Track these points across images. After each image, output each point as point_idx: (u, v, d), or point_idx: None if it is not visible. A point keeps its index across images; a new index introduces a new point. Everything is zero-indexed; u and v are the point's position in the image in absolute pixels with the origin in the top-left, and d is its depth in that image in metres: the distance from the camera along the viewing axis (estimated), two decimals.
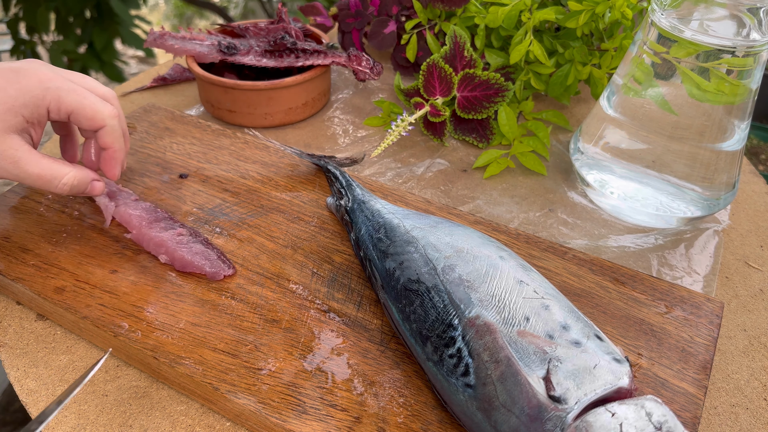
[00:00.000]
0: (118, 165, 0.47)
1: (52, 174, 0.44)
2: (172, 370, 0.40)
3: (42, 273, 0.46)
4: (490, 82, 0.64)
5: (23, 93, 0.43)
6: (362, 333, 0.43)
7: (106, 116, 0.45)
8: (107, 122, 0.45)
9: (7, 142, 0.43)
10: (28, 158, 0.43)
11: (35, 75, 0.43)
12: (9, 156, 0.43)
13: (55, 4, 1.65)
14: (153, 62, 3.54)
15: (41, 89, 0.43)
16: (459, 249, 0.41)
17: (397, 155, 0.66)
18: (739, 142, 0.53)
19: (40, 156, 0.44)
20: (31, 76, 0.43)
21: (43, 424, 0.35)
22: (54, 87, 0.43)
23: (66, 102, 0.44)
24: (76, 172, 0.45)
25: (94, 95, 0.45)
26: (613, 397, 0.33)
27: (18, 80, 0.43)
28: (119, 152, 0.47)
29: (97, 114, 0.45)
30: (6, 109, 0.42)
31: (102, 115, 0.45)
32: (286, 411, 0.38)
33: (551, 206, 0.60)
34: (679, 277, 0.53)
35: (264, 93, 0.66)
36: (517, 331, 0.35)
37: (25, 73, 0.43)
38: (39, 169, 0.44)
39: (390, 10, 0.77)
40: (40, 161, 0.44)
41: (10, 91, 0.42)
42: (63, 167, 0.45)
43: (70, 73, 0.46)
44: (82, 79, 0.47)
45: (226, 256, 0.48)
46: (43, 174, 0.44)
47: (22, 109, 0.43)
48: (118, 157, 0.47)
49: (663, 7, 0.50)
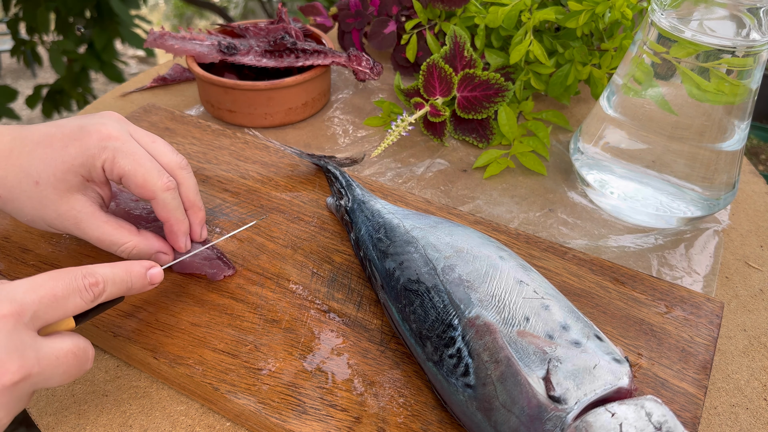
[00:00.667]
0: (180, 238, 0.45)
1: (112, 240, 0.43)
2: (172, 370, 0.40)
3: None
4: (490, 82, 0.64)
5: (82, 152, 0.41)
6: (362, 333, 0.43)
7: (157, 188, 0.42)
8: (158, 195, 0.42)
9: (69, 203, 0.41)
10: (89, 221, 0.42)
11: (98, 132, 0.41)
12: (71, 217, 0.42)
13: (55, 4, 1.65)
14: (153, 62, 3.54)
15: (98, 148, 0.41)
16: (459, 249, 0.41)
17: (397, 155, 0.66)
18: (739, 142, 0.53)
19: (104, 219, 0.43)
20: (93, 133, 0.41)
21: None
22: (111, 147, 0.41)
23: (119, 164, 0.41)
24: (137, 241, 0.43)
25: (152, 163, 0.42)
26: (612, 397, 0.33)
27: (81, 137, 0.41)
28: (176, 226, 0.44)
29: (147, 183, 0.42)
30: (66, 168, 0.41)
31: (153, 186, 0.42)
32: (286, 411, 0.38)
33: (551, 206, 0.60)
34: (679, 277, 0.53)
35: (264, 93, 0.66)
36: (517, 331, 0.35)
37: (89, 130, 0.41)
38: (99, 233, 0.42)
39: (390, 10, 0.77)
40: (102, 226, 0.42)
41: (71, 150, 0.41)
42: (124, 235, 0.43)
43: (143, 135, 0.44)
44: (152, 142, 0.44)
45: (226, 256, 0.48)
46: (103, 239, 0.43)
47: (80, 168, 0.41)
48: (178, 230, 0.45)
49: (663, 7, 0.50)
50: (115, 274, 0.37)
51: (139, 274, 0.38)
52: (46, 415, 0.40)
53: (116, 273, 0.37)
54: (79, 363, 0.34)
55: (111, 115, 0.44)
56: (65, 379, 0.33)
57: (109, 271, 0.36)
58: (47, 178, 0.41)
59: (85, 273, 0.35)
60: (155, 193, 0.42)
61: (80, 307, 0.34)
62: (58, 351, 0.33)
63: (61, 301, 0.33)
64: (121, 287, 0.37)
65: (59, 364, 0.32)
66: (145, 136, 0.44)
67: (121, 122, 0.44)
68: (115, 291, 0.37)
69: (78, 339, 0.34)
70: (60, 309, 0.33)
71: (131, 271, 0.38)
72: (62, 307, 0.33)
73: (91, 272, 0.35)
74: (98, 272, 0.36)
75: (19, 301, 0.31)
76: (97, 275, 0.35)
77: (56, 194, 0.41)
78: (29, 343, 0.31)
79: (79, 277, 0.34)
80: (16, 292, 0.32)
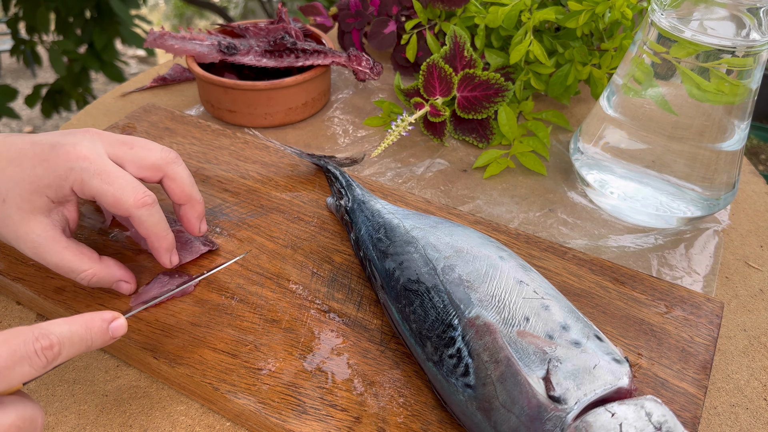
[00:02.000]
0: (164, 254, 0.43)
1: (70, 267, 0.41)
2: (172, 370, 0.40)
3: (42, 273, 0.46)
4: (490, 82, 0.64)
5: (49, 172, 0.39)
6: (362, 333, 0.43)
7: (129, 206, 0.40)
8: (132, 212, 0.40)
9: (30, 226, 0.40)
10: (47, 246, 0.40)
11: (66, 153, 0.40)
12: (30, 241, 0.40)
13: (55, 4, 1.65)
14: (153, 62, 3.54)
15: (65, 169, 0.39)
16: (459, 249, 0.41)
17: (397, 155, 0.66)
18: (739, 142, 0.53)
19: (64, 245, 0.41)
20: (61, 154, 0.39)
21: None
22: (79, 168, 0.39)
23: (88, 185, 0.40)
24: (97, 269, 0.42)
25: (124, 179, 0.40)
26: (612, 398, 0.33)
27: (49, 158, 0.39)
28: (157, 242, 0.43)
29: (119, 202, 0.40)
30: (32, 189, 0.39)
31: (125, 204, 0.40)
32: (286, 411, 0.38)
33: (551, 206, 0.60)
34: (679, 277, 0.53)
35: (264, 93, 0.66)
36: (517, 332, 0.35)
37: (59, 150, 0.40)
38: (57, 259, 0.40)
39: (390, 10, 0.77)
40: (61, 251, 0.40)
41: (38, 170, 0.39)
42: (84, 262, 0.41)
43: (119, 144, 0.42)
44: (130, 149, 0.42)
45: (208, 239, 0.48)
46: (61, 266, 0.41)
47: (46, 189, 0.39)
48: (159, 246, 0.43)
49: (663, 7, 0.50)
50: (73, 333, 0.32)
51: (100, 329, 0.34)
52: (46, 415, 0.40)
53: (74, 331, 0.32)
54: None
55: (87, 131, 0.42)
56: None
57: (66, 330, 0.32)
58: (13, 198, 0.39)
59: (38, 335, 0.31)
60: (129, 211, 0.40)
61: (29, 375, 0.30)
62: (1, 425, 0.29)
63: (4, 372, 0.29)
64: (80, 347, 0.33)
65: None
66: (122, 145, 0.42)
67: (96, 140, 0.42)
68: (72, 352, 0.32)
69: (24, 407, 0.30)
70: (3, 381, 0.29)
71: (91, 327, 0.33)
72: (6, 378, 0.29)
73: (45, 333, 0.31)
74: (53, 333, 0.31)
75: None
76: (52, 337, 0.31)
77: (18, 215, 0.40)
78: None
79: (30, 341, 0.30)
80: None
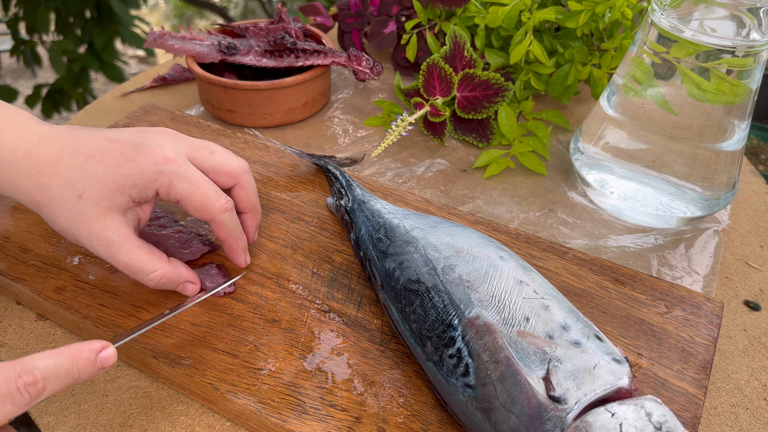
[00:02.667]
0: (240, 255, 0.45)
1: (140, 267, 0.41)
2: (172, 370, 0.40)
3: (42, 273, 0.46)
4: (490, 82, 0.64)
5: (136, 173, 0.39)
6: (362, 333, 0.43)
7: (215, 211, 0.41)
8: (216, 216, 0.42)
9: (105, 223, 0.40)
10: (121, 245, 0.40)
11: (153, 155, 0.40)
12: (104, 238, 0.40)
13: (55, 4, 1.65)
14: (153, 62, 3.54)
15: (154, 171, 0.40)
16: (459, 249, 0.41)
17: (397, 155, 0.66)
18: (739, 142, 0.53)
19: (136, 244, 0.41)
20: (149, 155, 0.40)
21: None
22: (168, 171, 0.40)
23: (176, 189, 0.40)
24: (165, 270, 0.41)
25: (209, 185, 0.41)
26: (612, 398, 0.33)
27: (135, 158, 0.40)
28: (235, 244, 0.44)
29: (205, 206, 0.41)
30: (115, 188, 0.39)
31: (211, 209, 0.41)
32: (286, 411, 0.38)
33: (551, 206, 0.60)
34: (679, 277, 0.53)
35: (264, 93, 0.66)
36: (517, 332, 0.35)
37: (145, 151, 0.40)
38: (128, 259, 0.40)
39: (390, 10, 0.77)
40: (133, 251, 0.40)
41: (123, 169, 0.39)
42: (154, 263, 0.41)
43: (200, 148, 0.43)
44: (210, 154, 0.43)
45: (226, 269, 0.47)
46: (132, 265, 0.40)
47: (131, 189, 0.40)
48: (237, 248, 0.44)
49: (663, 7, 0.50)
50: (59, 366, 0.31)
51: (88, 360, 0.32)
52: (46, 415, 0.40)
53: (59, 365, 0.31)
54: None
55: (166, 132, 0.43)
56: None
57: (51, 364, 0.30)
58: (92, 194, 0.39)
59: (21, 371, 0.29)
60: (213, 216, 0.42)
61: (11, 414, 0.29)
62: None
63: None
64: (66, 380, 0.31)
65: None
66: (202, 149, 0.43)
67: (177, 141, 0.42)
68: (57, 386, 0.31)
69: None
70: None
71: (78, 359, 0.32)
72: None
73: (29, 369, 0.29)
74: (37, 367, 0.30)
75: None
76: (36, 372, 0.30)
77: (95, 211, 0.39)
78: None
79: (12, 378, 0.29)
80: None
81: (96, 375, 0.33)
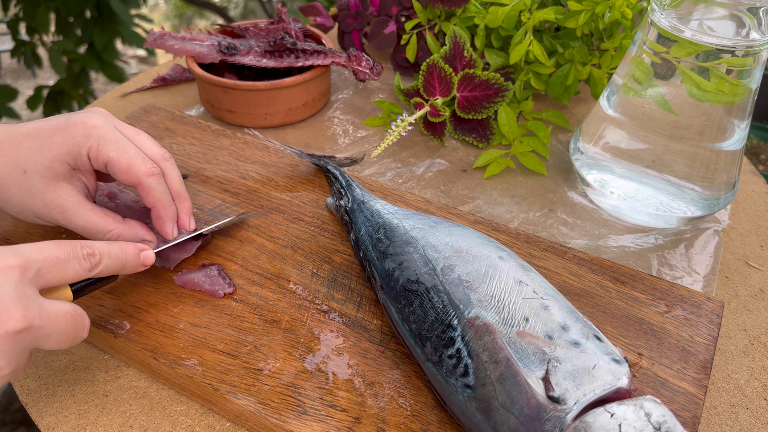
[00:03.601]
0: (168, 223, 0.46)
1: (97, 228, 0.44)
2: (172, 371, 0.40)
3: None
4: (490, 82, 0.64)
5: (67, 140, 0.42)
6: (362, 333, 0.43)
7: (141, 173, 0.43)
8: (142, 180, 0.43)
9: (56, 192, 0.43)
10: (75, 209, 0.43)
11: (82, 123, 0.43)
12: (57, 205, 0.43)
13: (55, 4, 1.65)
14: (153, 62, 3.54)
15: (83, 136, 0.42)
16: (458, 249, 0.41)
17: (397, 155, 0.66)
18: (739, 142, 0.53)
19: (89, 208, 0.43)
20: (78, 124, 0.43)
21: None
22: (96, 135, 0.43)
23: (104, 151, 0.43)
24: (122, 229, 0.44)
25: (136, 150, 0.44)
26: (612, 398, 0.33)
27: (66, 128, 0.43)
28: (163, 211, 0.45)
29: (131, 168, 0.43)
30: (52, 157, 0.42)
31: (137, 171, 0.43)
32: (286, 411, 0.38)
33: (551, 206, 0.60)
34: (679, 276, 0.53)
35: (264, 93, 0.66)
36: (517, 332, 0.35)
37: (75, 121, 0.43)
38: (85, 222, 0.43)
39: (390, 10, 0.77)
40: (88, 214, 0.43)
41: (57, 138, 0.42)
42: (109, 223, 0.44)
43: (127, 127, 0.45)
44: (136, 134, 0.46)
45: (225, 272, 0.47)
46: (89, 227, 0.43)
47: (66, 156, 0.42)
48: (165, 215, 0.45)
49: (663, 7, 0.50)
50: (111, 249, 0.39)
51: (134, 253, 0.41)
52: (46, 415, 0.40)
53: (112, 249, 0.39)
54: (76, 327, 0.35)
55: (97, 110, 0.45)
56: (62, 340, 0.35)
57: (105, 247, 0.39)
58: (34, 167, 0.42)
59: (84, 244, 0.37)
60: (140, 179, 0.43)
61: (78, 274, 0.36)
62: (58, 310, 0.34)
63: (62, 263, 0.35)
64: (117, 263, 0.39)
65: (59, 322, 0.34)
66: (129, 129, 0.46)
67: (107, 116, 0.45)
68: (110, 265, 0.39)
69: (76, 306, 0.36)
70: (61, 271, 0.35)
71: (126, 250, 0.40)
72: (63, 270, 0.35)
73: (89, 244, 0.38)
74: (96, 245, 0.38)
75: (26, 257, 0.33)
76: (95, 247, 0.38)
77: (43, 183, 0.42)
78: (32, 296, 0.33)
79: (78, 247, 0.37)
80: (23, 249, 0.34)
81: (138, 269, 0.41)
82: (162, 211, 0.45)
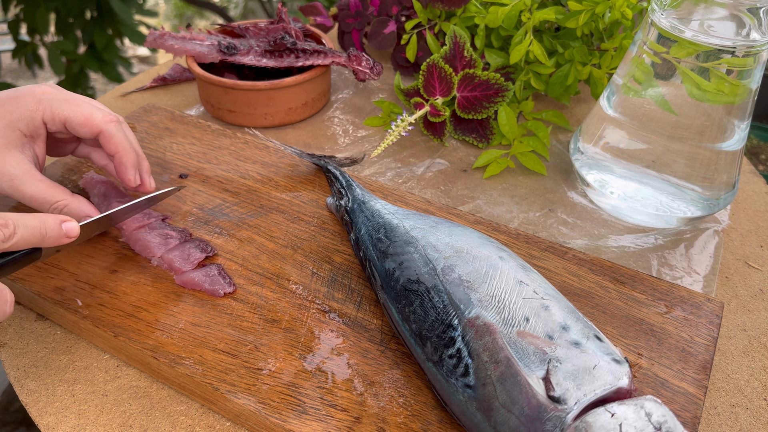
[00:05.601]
0: (128, 170, 0.46)
1: (45, 198, 0.44)
2: (172, 370, 0.40)
3: (42, 273, 0.46)
4: (490, 82, 0.64)
5: (18, 107, 0.43)
6: (362, 333, 0.43)
7: (99, 121, 0.45)
8: (102, 127, 0.45)
9: (5, 160, 0.43)
10: (24, 178, 0.43)
11: (32, 91, 0.44)
12: (6, 173, 0.43)
13: (55, 4, 1.65)
14: (153, 61, 3.54)
15: (35, 102, 0.44)
16: (459, 249, 0.41)
17: (397, 155, 0.66)
18: (739, 142, 0.53)
19: (39, 179, 0.44)
20: (27, 92, 0.44)
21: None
22: (47, 98, 0.44)
23: (58, 111, 0.44)
24: (69, 201, 0.45)
25: (90, 104, 0.45)
26: (612, 398, 0.33)
27: (16, 96, 0.44)
28: (125, 157, 0.46)
29: (89, 119, 0.44)
30: (4, 125, 0.43)
31: (95, 120, 0.44)
32: (286, 411, 0.38)
33: (551, 206, 0.60)
34: (679, 277, 0.53)
35: (264, 93, 0.66)
36: (517, 332, 0.35)
37: (24, 90, 0.44)
38: (33, 191, 0.44)
39: (390, 10, 0.77)
40: (36, 184, 0.44)
41: (7, 106, 0.43)
42: (57, 194, 0.44)
43: (76, 96, 0.46)
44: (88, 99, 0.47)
45: (226, 272, 0.47)
46: (36, 197, 0.44)
47: (18, 123, 0.43)
48: (127, 161, 0.46)
49: (663, 7, 0.50)
50: (27, 220, 0.37)
51: (54, 224, 0.38)
52: (46, 415, 0.40)
53: (28, 220, 0.37)
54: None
55: (48, 83, 0.47)
56: None
57: (20, 217, 0.36)
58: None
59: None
60: (99, 126, 0.44)
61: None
62: None
63: None
64: (34, 234, 0.37)
65: None
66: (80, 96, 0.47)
67: (55, 86, 0.47)
68: (27, 236, 0.36)
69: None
70: None
71: (45, 220, 0.38)
72: None
73: (2, 215, 0.36)
74: (9, 215, 0.36)
75: None
76: (7, 218, 0.36)
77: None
78: None
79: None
80: None
81: (61, 241, 0.39)
82: (124, 157, 0.46)
